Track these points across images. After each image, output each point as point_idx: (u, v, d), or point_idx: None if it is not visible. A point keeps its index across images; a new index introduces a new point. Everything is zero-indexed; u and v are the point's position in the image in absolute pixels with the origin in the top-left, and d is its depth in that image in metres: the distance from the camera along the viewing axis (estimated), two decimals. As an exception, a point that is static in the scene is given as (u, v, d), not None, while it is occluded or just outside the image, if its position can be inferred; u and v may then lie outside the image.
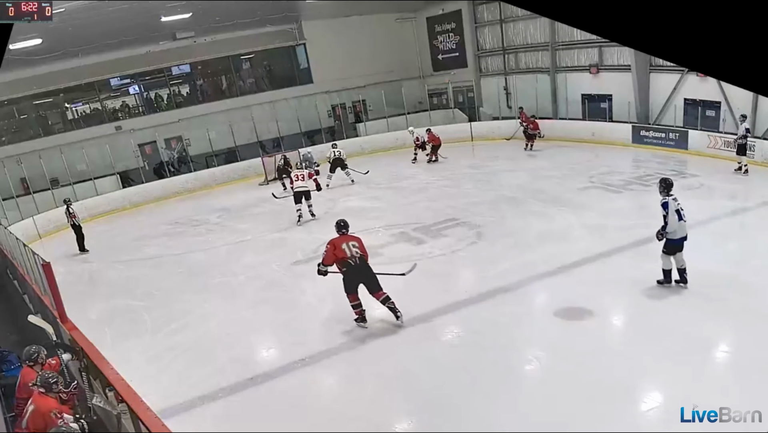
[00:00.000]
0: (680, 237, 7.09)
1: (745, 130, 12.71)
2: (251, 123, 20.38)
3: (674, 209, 7.01)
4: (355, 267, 6.87)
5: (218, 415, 5.75)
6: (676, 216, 7.00)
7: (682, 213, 7.06)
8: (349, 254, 6.85)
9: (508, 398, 5.45)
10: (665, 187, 7.17)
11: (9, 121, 19.52)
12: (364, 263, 6.93)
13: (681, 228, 7.07)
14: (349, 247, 6.90)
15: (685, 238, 7.12)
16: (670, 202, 7.02)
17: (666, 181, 7.22)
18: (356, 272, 6.90)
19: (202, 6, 17.47)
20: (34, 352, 5.24)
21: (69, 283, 9.68)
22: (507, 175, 15.07)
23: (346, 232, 7.17)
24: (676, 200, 7.10)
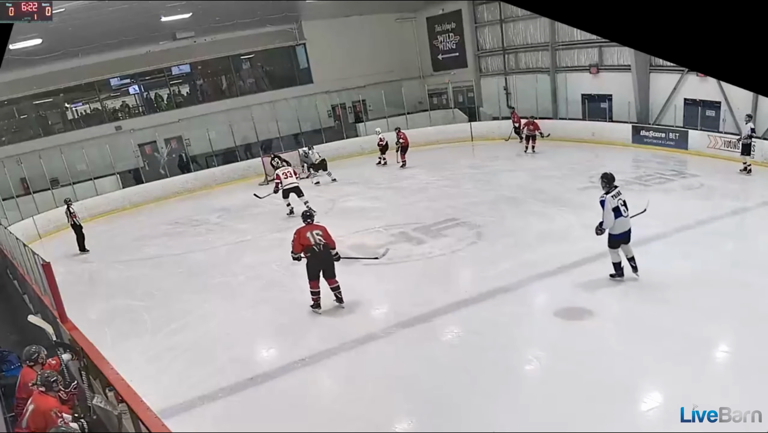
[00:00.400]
0: (621, 232, 7.28)
1: (750, 130, 12.66)
2: (251, 123, 20.39)
3: (612, 207, 7.15)
4: (318, 254, 7.44)
5: (218, 415, 5.75)
6: (612, 214, 7.16)
7: (622, 210, 7.23)
8: (314, 242, 7.42)
9: (508, 398, 5.45)
10: (606, 182, 7.30)
11: (9, 121, 19.51)
12: (327, 251, 7.48)
13: (621, 224, 7.23)
14: (313, 235, 7.45)
15: (627, 232, 7.32)
16: (608, 201, 7.16)
17: (606, 176, 7.34)
18: (319, 259, 7.45)
19: (202, 6, 17.47)
20: (34, 352, 5.24)
21: (69, 283, 9.68)
22: (507, 175, 15.06)
23: (311, 222, 7.70)
24: (618, 196, 7.24)
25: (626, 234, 7.32)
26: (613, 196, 7.21)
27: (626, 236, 7.33)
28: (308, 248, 7.44)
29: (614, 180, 7.34)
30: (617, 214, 7.19)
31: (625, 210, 7.30)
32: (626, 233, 7.32)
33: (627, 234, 7.33)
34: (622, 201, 7.26)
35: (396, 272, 9.18)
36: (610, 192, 7.23)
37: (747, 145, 12.65)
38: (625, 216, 7.26)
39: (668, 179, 12.76)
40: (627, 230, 7.30)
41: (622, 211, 7.23)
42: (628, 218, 7.31)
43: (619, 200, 7.23)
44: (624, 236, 7.31)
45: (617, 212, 7.19)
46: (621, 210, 7.21)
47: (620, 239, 7.32)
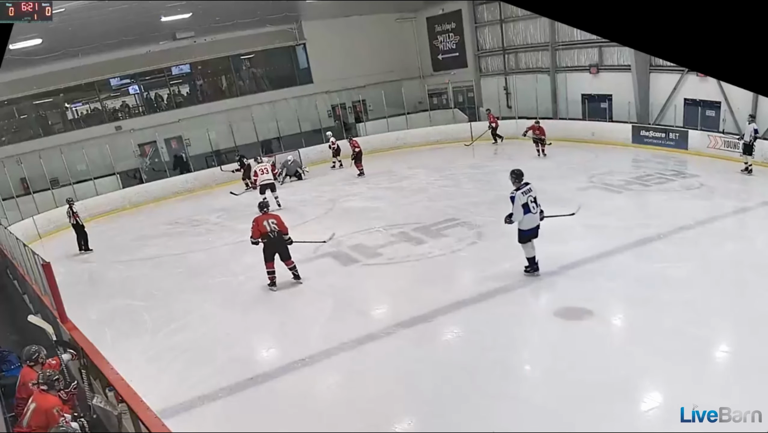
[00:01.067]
0: (529, 228, 7.60)
1: (754, 131, 12.55)
2: (251, 123, 20.40)
3: (521, 203, 7.46)
4: (273, 239, 8.47)
5: (218, 415, 5.75)
6: (522, 210, 7.47)
7: (531, 206, 7.51)
8: (269, 229, 8.45)
9: (508, 398, 5.45)
10: (515, 178, 7.60)
11: (9, 121, 19.51)
12: (280, 237, 8.48)
13: (529, 220, 7.54)
14: (269, 223, 8.46)
15: (536, 228, 7.64)
16: (518, 197, 7.46)
17: (515, 173, 7.63)
18: (273, 244, 8.49)
19: (202, 6, 17.47)
20: (34, 352, 5.25)
21: (69, 283, 9.68)
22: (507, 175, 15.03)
23: (267, 211, 8.75)
24: (529, 192, 7.52)
25: (534, 230, 7.66)
26: (523, 192, 7.51)
27: (535, 232, 7.68)
28: (264, 235, 8.45)
29: (523, 176, 7.64)
30: (526, 210, 7.48)
31: (534, 207, 7.56)
32: (534, 229, 7.65)
33: (535, 230, 7.67)
34: (532, 198, 7.54)
35: (396, 272, 9.19)
36: (520, 189, 7.51)
37: (749, 146, 12.56)
38: (533, 213, 7.54)
39: (668, 179, 12.76)
40: (535, 226, 7.63)
41: (531, 207, 7.51)
42: (536, 214, 7.59)
43: (528, 197, 7.52)
44: (533, 232, 7.65)
45: (526, 208, 7.48)
46: (530, 207, 7.50)
47: (529, 234, 7.63)
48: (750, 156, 12.60)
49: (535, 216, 7.58)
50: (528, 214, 7.50)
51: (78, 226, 13.09)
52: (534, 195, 7.58)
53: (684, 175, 13.12)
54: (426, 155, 18.96)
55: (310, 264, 9.98)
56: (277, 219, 8.57)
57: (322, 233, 11.55)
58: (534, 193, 7.58)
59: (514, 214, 7.52)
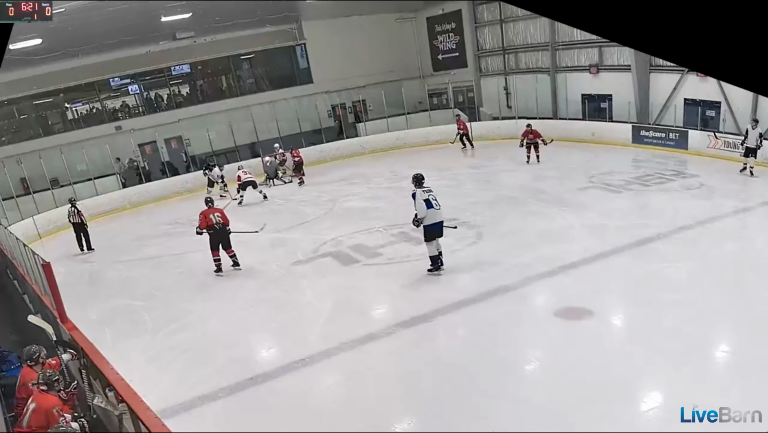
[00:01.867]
0: (434, 222, 8.18)
1: (759, 136, 12.26)
2: (251, 123, 20.40)
3: (423, 199, 8.10)
4: (218, 231, 9.59)
5: (218, 415, 5.75)
6: (424, 204, 8.07)
7: (432, 202, 8.14)
8: (214, 222, 9.56)
9: (508, 398, 5.45)
10: (416, 182, 8.32)
11: (9, 121, 19.52)
12: (223, 228, 9.61)
13: (432, 215, 8.14)
14: (214, 216, 9.60)
15: (439, 224, 8.24)
16: (418, 193, 8.14)
17: (416, 177, 8.38)
18: (218, 234, 9.61)
19: (202, 6, 17.47)
20: (34, 352, 5.25)
21: (69, 283, 9.68)
22: (507, 175, 15.07)
23: (212, 206, 9.96)
24: (429, 192, 8.21)
25: (438, 226, 8.26)
26: (424, 191, 8.18)
27: (439, 230, 8.30)
28: (210, 227, 9.57)
29: (423, 180, 8.37)
30: (429, 206, 8.07)
31: (437, 204, 8.20)
32: (438, 225, 8.25)
33: (439, 227, 8.28)
34: (433, 196, 8.19)
35: (396, 272, 9.19)
36: (421, 188, 8.21)
37: (753, 149, 12.28)
38: (436, 208, 8.15)
39: (668, 179, 12.77)
40: (438, 221, 8.23)
41: (433, 204, 8.12)
42: (439, 210, 8.21)
43: (429, 195, 8.17)
44: (437, 228, 8.26)
45: (428, 204, 8.08)
46: (432, 203, 8.11)
47: (434, 230, 8.23)
48: (754, 158, 12.33)
49: (439, 211, 8.19)
50: (431, 209, 8.09)
51: (81, 225, 13.09)
52: (434, 195, 8.23)
53: (684, 175, 13.12)
54: (426, 155, 18.96)
55: (310, 264, 9.99)
56: (221, 213, 9.73)
57: (321, 233, 11.60)
58: (434, 194, 8.24)
59: (417, 209, 8.10)
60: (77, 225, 13.07)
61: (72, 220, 13.13)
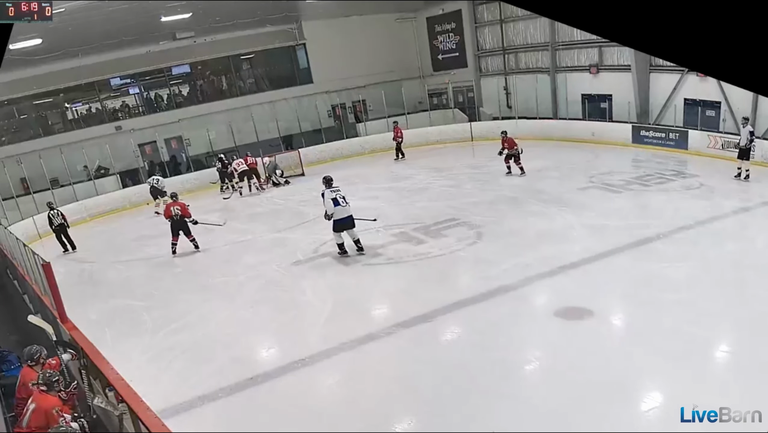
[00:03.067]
0: (341, 218, 9.39)
1: (750, 134, 11.99)
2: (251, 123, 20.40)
3: (330, 198, 9.30)
4: (177, 221, 11.26)
5: (218, 415, 5.75)
6: (332, 202, 9.29)
7: (339, 200, 9.34)
8: (173, 213, 11.21)
9: (508, 398, 5.45)
10: (326, 182, 9.57)
11: (9, 121, 19.51)
12: (182, 219, 11.23)
13: (339, 211, 9.34)
14: (174, 208, 11.23)
15: (347, 218, 9.44)
16: (327, 193, 9.41)
17: (325, 178, 9.66)
18: (177, 224, 11.29)
19: (202, 6, 17.46)
20: (35, 352, 5.25)
21: (69, 283, 9.69)
22: (507, 175, 15.06)
23: (176, 199, 11.50)
24: (336, 191, 9.45)
25: (346, 221, 9.46)
26: (331, 191, 9.42)
27: (347, 222, 9.50)
28: (171, 217, 11.24)
29: (332, 181, 9.65)
30: (336, 204, 9.28)
31: (344, 202, 9.36)
32: (346, 220, 9.45)
33: (347, 221, 9.48)
34: (341, 195, 9.40)
35: (396, 272, 9.19)
36: (330, 189, 9.45)
37: (746, 150, 12.00)
38: (342, 205, 9.33)
39: (668, 179, 12.77)
40: (345, 216, 9.43)
41: (340, 201, 9.33)
42: (346, 207, 9.38)
43: (337, 194, 9.40)
44: (345, 222, 9.46)
45: (335, 202, 9.29)
46: (339, 201, 9.33)
47: (342, 223, 9.45)
48: (747, 161, 11.99)
49: (346, 208, 9.38)
50: (338, 206, 9.29)
51: (63, 226, 13.32)
52: (342, 194, 9.44)
53: (684, 175, 13.12)
54: (426, 155, 18.96)
55: (310, 264, 9.99)
56: (182, 206, 11.29)
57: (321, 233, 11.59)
58: (342, 193, 9.47)
59: (326, 207, 9.37)
60: (60, 227, 13.27)
61: (56, 222, 13.29)
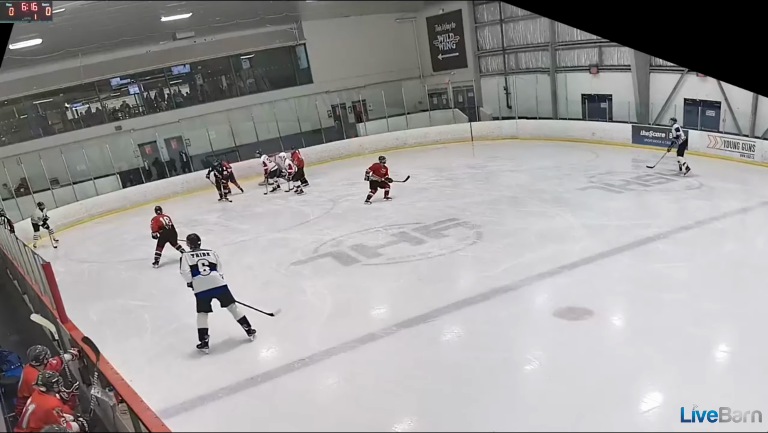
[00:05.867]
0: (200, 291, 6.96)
1: (675, 131, 13.08)
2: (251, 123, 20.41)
3: (190, 264, 6.97)
4: (166, 231, 11.07)
5: (219, 415, 5.74)
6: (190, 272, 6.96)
7: (201, 269, 6.95)
8: (164, 223, 11.07)
9: (508, 398, 5.45)
10: (190, 243, 7.36)
11: (9, 121, 19.52)
12: (172, 229, 11.14)
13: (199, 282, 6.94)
14: (164, 220, 11.13)
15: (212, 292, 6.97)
16: (185, 258, 7.09)
17: (189, 237, 7.44)
18: (167, 234, 11.07)
19: (202, 6, 17.46)
20: (40, 352, 5.25)
21: (69, 283, 9.67)
22: (507, 176, 15.07)
23: (161, 212, 11.32)
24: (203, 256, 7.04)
25: (207, 294, 6.95)
26: (193, 255, 7.06)
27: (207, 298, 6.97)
28: (161, 227, 11.03)
29: (199, 241, 7.32)
30: (195, 272, 6.95)
31: (206, 270, 6.96)
32: (207, 293, 6.95)
33: (208, 295, 6.96)
34: (205, 262, 6.99)
35: (396, 272, 9.19)
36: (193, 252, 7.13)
37: (681, 146, 12.95)
38: (203, 274, 6.95)
39: (668, 179, 12.77)
40: (208, 289, 6.93)
41: (201, 270, 6.96)
42: (207, 276, 6.95)
43: (200, 260, 6.99)
44: (205, 296, 6.96)
45: (195, 270, 6.95)
46: (200, 269, 6.97)
47: (201, 297, 6.97)
48: (681, 156, 12.94)
49: (207, 278, 6.91)
50: (198, 276, 6.92)
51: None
52: (210, 260, 7.01)
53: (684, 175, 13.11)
54: (426, 155, 18.96)
55: (310, 264, 9.99)
56: (169, 218, 11.24)
57: (321, 234, 11.61)
58: (212, 259, 7.03)
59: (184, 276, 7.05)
60: None
61: None
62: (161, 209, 11.57)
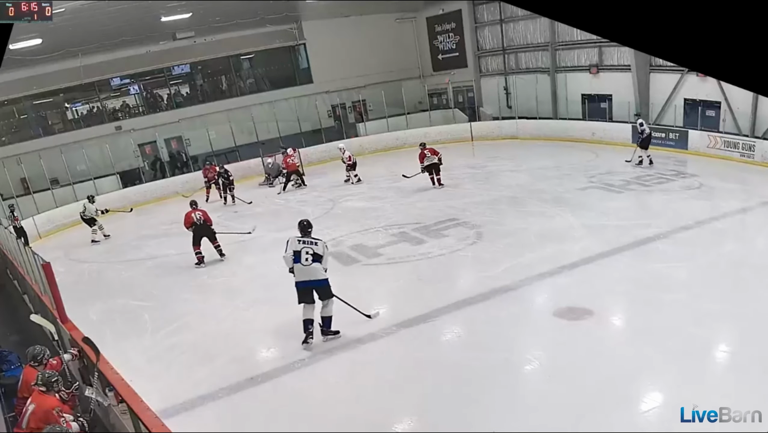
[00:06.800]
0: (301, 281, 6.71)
1: (640, 125, 14.13)
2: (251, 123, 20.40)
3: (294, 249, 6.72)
4: (199, 226, 10.57)
5: (219, 415, 5.74)
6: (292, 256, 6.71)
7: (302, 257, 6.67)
8: (195, 219, 10.57)
9: (508, 398, 5.45)
10: (300, 229, 7.00)
11: (9, 121, 19.52)
12: (205, 225, 10.64)
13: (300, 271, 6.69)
14: (196, 215, 10.65)
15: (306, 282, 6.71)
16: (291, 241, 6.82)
17: (301, 223, 7.08)
18: (200, 229, 10.58)
19: (202, 6, 17.46)
20: (38, 352, 5.25)
21: (69, 283, 9.67)
22: (507, 175, 15.07)
23: (196, 207, 10.98)
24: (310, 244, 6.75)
25: (306, 285, 6.70)
26: (300, 240, 6.81)
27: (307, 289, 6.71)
28: (193, 223, 10.56)
29: (309, 227, 7.03)
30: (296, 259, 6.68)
31: (308, 259, 6.66)
32: (305, 284, 6.69)
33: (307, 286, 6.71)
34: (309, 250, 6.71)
35: (396, 272, 9.19)
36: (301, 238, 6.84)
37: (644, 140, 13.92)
38: (305, 264, 6.66)
39: (668, 179, 12.77)
40: (306, 280, 6.66)
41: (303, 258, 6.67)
42: (309, 266, 6.66)
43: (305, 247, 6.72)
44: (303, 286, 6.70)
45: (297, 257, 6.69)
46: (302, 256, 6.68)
47: (300, 288, 6.71)
48: (645, 150, 13.96)
49: (307, 269, 6.65)
50: (298, 264, 6.68)
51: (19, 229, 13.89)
52: (316, 250, 6.70)
53: (684, 175, 13.12)
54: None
55: (310, 264, 9.98)
56: (204, 213, 10.83)
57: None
58: (318, 249, 6.71)
59: (285, 259, 6.80)
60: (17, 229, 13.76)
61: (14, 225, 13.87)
62: (196, 204, 11.20)
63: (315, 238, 6.90)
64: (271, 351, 7.34)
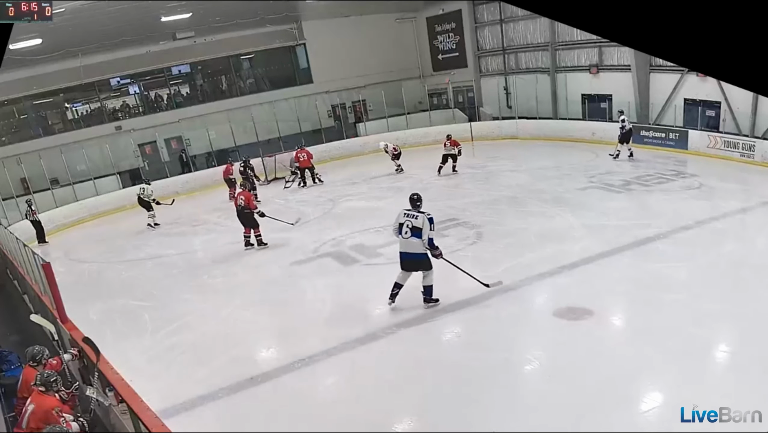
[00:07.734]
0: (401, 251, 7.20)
1: (621, 121, 14.70)
2: (251, 123, 20.41)
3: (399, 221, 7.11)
4: (240, 211, 10.97)
5: (219, 415, 5.74)
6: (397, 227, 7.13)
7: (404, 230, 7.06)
8: (238, 203, 11.01)
9: (508, 398, 5.45)
10: (410, 201, 7.26)
11: (9, 121, 19.52)
12: (242, 210, 10.93)
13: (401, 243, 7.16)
14: (238, 199, 11.05)
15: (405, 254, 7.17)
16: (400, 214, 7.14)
17: (411, 197, 7.32)
18: (240, 214, 10.99)
19: (202, 6, 17.47)
20: (37, 352, 5.25)
21: (69, 283, 9.66)
22: (507, 175, 15.07)
23: (243, 189, 11.83)
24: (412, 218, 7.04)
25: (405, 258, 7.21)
26: (406, 214, 7.12)
27: (407, 262, 7.23)
28: (237, 207, 11.06)
29: (418, 201, 7.25)
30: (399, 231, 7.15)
31: (407, 232, 7.06)
32: (405, 256, 7.20)
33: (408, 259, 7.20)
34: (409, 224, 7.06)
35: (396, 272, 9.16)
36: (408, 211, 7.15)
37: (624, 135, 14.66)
38: (404, 237, 7.08)
39: (668, 179, 12.77)
40: (404, 252, 7.16)
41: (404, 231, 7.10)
42: (408, 238, 7.05)
43: (408, 220, 7.07)
44: (403, 257, 7.21)
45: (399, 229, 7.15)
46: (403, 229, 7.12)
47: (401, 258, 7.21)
48: (624, 144, 14.77)
49: (405, 242, 7.07)
50: (400, 236, 7.13)
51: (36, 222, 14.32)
52: (416, 224, 6.99)
53: (684, 175, 13.12)
54: (426, 155, 18.92)
55: (311, 264, 9.99)
56: (245, 195, 11.10)
57: (321, 233, 11.61)
58: (417, 223, 6.99)
59: (393, 229, 7.30)
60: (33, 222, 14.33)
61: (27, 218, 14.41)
62: (245, 186, 12.31)
63: (419, 211, 7.16)
64: (271, 351, 7.34)
